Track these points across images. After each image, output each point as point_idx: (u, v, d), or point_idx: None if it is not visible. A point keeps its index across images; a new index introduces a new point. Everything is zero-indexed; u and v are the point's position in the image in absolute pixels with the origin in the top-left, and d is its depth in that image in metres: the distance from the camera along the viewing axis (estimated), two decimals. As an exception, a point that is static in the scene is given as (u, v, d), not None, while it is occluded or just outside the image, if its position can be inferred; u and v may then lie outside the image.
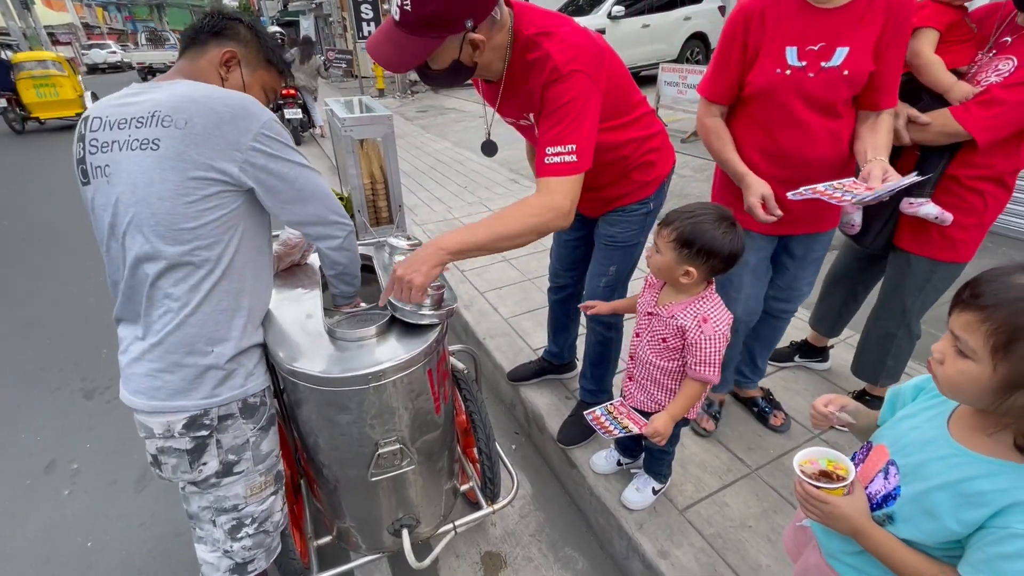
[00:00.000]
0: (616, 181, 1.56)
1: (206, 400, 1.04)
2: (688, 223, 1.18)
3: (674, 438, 1.55)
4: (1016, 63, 1.35)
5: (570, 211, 1.22)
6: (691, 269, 1.20)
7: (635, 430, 1.33)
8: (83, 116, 1.03)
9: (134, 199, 0.96)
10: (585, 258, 1.86)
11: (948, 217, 1.52)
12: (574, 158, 1.19)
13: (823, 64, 1.35)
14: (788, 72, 1.38)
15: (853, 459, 0.83)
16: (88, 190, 1.03)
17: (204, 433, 1.06)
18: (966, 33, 1.50)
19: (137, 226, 0.97)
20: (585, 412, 1.44)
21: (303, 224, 1.13)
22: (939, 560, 0.72)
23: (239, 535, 1.16)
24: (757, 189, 1.44)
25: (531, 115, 1.36)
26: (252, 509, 1.16)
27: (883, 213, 1.63)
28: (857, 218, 1.70)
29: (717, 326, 1.23)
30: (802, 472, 0.79)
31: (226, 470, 1.10)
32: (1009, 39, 1.41)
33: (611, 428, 1.36)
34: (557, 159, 1.19)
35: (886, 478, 0.78)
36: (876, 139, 1.39)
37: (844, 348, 2.31)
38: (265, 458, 1.17)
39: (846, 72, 1.34)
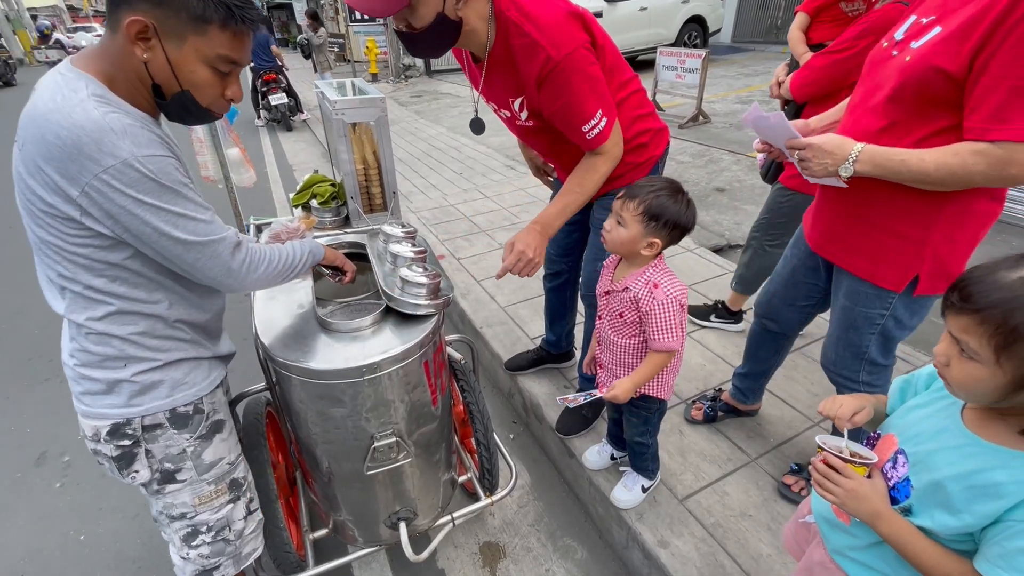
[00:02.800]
0: None
1: (126, 409, 0.97)
2: (653, 196, 1.20)
3: (653, 429, 1.53)
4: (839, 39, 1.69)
5: (622, 147, 1.40)
6: (656, 240, 1.22)
7: (596, 393, 1.35)
8: None
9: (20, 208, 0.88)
10: (580, 243, 1.85)
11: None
12: (605, 121, 1.30)
13: (912, 44, 1.04)
14: (885, 44, 1.13)
15: None
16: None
17: (127, 443, 0.99)
18: (837, 15, 1.91)
19: (29, 234, 0.90)
20: (559, 398, 1.44)
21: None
22: (956, 552, 0.70)
23: (195, 543, 1.11)
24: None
25: (516, 101, 1.37)
26: (205, 517, 1.11)
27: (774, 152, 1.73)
28: (760, 157, 1.90)
29: (668, 290, 1.24)
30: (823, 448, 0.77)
31: (165, 478, 1.04)
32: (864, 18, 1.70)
33: (577, 398, 1.37)
34: (596, 131, 1.30)
35: (894, 467, 0.76)
36: (908, 149, 1.06)
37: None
38: (211, 467, 1.09)
39: (908, 59, 1.03)
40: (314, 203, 1.78)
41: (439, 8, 1.16)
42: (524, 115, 1.40)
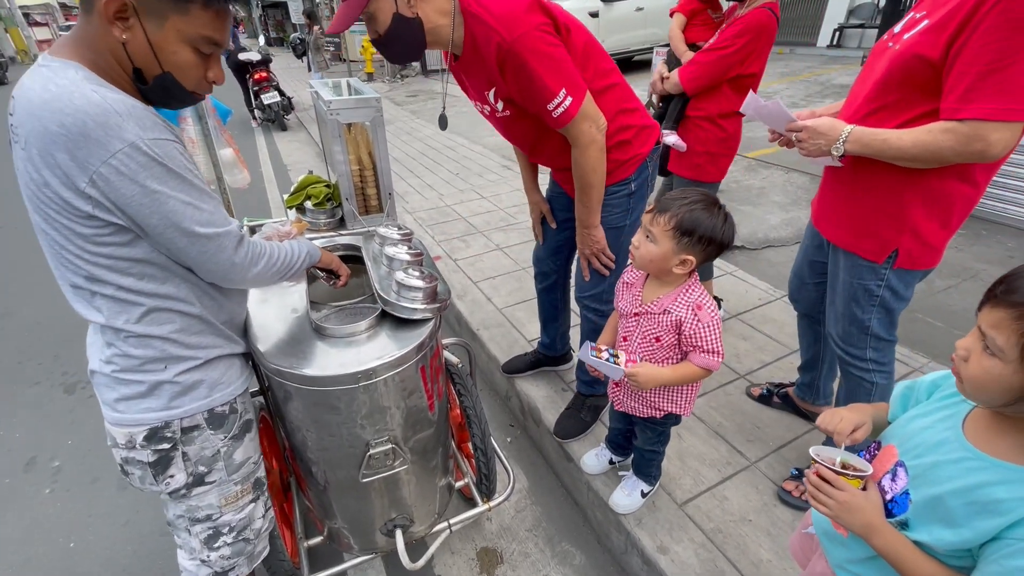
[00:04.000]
0: None
1: (166, 412, 0.96)
2: (686, 210, 1.12)
3: (664, 437, 1.51)
4: (716, 39, 1.96)
5: (601, 127, 1.38)
6: (689, 258, 1.15)
7: (622, 362, 1.22)
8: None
9: (32, 215, 0.85)
10: (569, 243, 1.83)
11: (682, 145, 2.11)
12: (570, 99, 1.29)
13: (904, 36, 1.14)
14: (884, 38, 1.22)
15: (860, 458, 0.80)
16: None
17: (166, 446, 0.98)
18: (706, 19, 2.20)
19: (46, 244, 0.87)
20: (590, 348, 1.25)
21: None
22: (952, 568, 0.69)
23: (216, 544, 1.10)
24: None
25: (490, 93, 1.40)
26: (229, 518, 1.10)
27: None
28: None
29: (712, 312, 1.19)
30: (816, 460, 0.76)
31: (196, 481, 1.03)
32: (724, 25, 1.99)
33: (603, 355, 1.23)
34: (561, 109, 1.29)
35: (893, 479, 0.74)
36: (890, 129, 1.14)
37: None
38: (239, 467, 1.09)
39: (896, 47, 1.13)
40: (308, 204, 1.75)
41: (393, 9, 1.22)
42: (500, 105, 1.41)
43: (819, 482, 0.75)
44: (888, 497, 0.74)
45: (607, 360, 1.21)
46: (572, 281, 1.91)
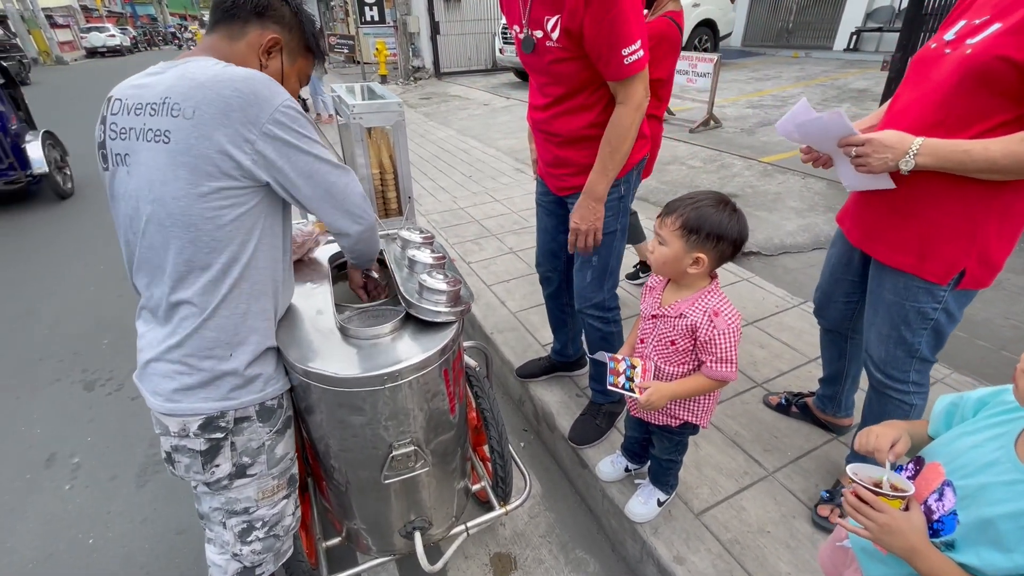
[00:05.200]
0: (584, 163, 1.51)
1: (223, 402, 1.00)
2: (691, 208, 1.14)
3: (681, 447, 1.49)
4: None
5: (648, 97, 1.39)
6: (701, 256, 1.15)
7: (635, 394, 1.23)
8: (108, 95, 0.98)
9: (151, 196, 0.92)
10: (565, 246, 1.81)
11: None
12: (642, 52, 1.30)
13: (967, 41, 1.06)
14: (934, 46, 1.15)
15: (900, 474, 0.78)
16: (107, 176, 0.99)
17: (219, 435, 1.02)
18: None
19: (156, 226, 0.93)
20: (608, 356, 1.29)
21: (321, 219, 1.08)
22: None
23: (249, 538, 1.12)
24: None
25: (551, 20, 1.33)
26: (263, 512, 1.13)
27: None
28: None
29: (730, 320, 1.17)
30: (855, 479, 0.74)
31: (239, 472, 1.06)
32: None
33: (621, 371, 1.26)
34: (635, 56, 1.29)
35: (940, 499, 0.72)
36: (970, 140, 1.06)
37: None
38: (279, 461, 1.13)
39: (968, 51, 1.04)
40: (329, 207, 1.77)
41: None
42: (556, 35, 1.35)
43: (858, 503, 0.73)
44: (935, 517, 0.72)
45: (624, 378, 1.25)
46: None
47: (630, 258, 2.88)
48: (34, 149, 4.81)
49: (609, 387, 1.26)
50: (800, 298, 2.71)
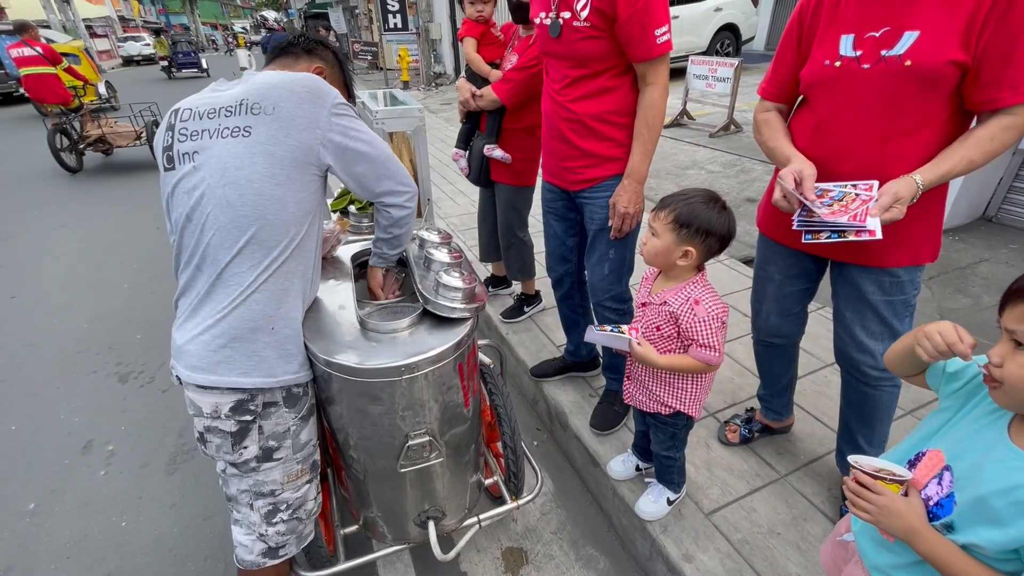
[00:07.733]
0: (603, 154, 1.59)
1: (262, 379, 1.07)
2: (683, 204, 1.21)
3: (677, 441, 1.52)
4: (518, 58, 2.12)
5: (668, 85, 1.50)
6: (690, 249, 1.21)
7: (625, 333, 1.27)
8: (172, 108, 1.11)
9: (223, 181, 1.02)
10: (578, 248, 1.89)
11: (508, 157, 2.26)
12: (670, 35, 1.41)
13: (883, 53, 1.13)
14: (838, 64, 1.20)
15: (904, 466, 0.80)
16: (171, 175, 1.08)
17: (248, 418, 1.09)
18: (493, 38, 2.40)
19: (223, 207, 1.02)
20: (595, 328, 1.31)
21: (374, 193, 1.22)
22: (1001, 572, 0.69)
23: (274, 519, 1.19)
24: (796, 164, 1.24)
25: (582, 1, 1.41)
26: (288, 496, 1.19)
27: (477, 157, 2.33)
28: (463, 163, 2.44)
29: (709, 308, 1.22)
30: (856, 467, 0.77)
31: (265, 455, 1.13)
32: (515, 43, 2.20)
33: (607, 328, 1.29)
34: (665, 37, 1.40)
35: (939, 483, 0.75)
36: (947, 152, 1.13)
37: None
38: (303, 447, 1.19)
39: (908, 63, 1.10)
40: (352, 208, 1.84)
41: None
42: (584, 13, 1.41)
43: (857, 487, 0.77)
44: (934, 501, 0.74)
45: (611, 330, 1.29)
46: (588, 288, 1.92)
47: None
48: None
49: (596, 331, 1.28)
50: (816, 304, 2.69)
